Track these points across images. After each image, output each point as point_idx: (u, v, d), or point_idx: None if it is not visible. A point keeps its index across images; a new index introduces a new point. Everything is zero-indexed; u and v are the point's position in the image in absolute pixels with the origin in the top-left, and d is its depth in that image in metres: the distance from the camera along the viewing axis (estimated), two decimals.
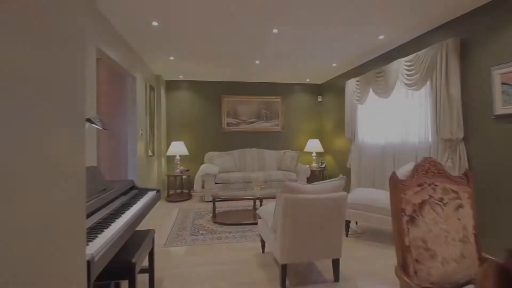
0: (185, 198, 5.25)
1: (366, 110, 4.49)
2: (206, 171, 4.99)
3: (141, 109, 4.22)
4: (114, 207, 1.83)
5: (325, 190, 2.12)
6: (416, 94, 3.41)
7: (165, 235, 3.40)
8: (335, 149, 5.76)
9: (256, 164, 5.76)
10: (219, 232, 3.44)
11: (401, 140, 3.62)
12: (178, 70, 5.08)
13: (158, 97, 5.31)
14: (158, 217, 4.17)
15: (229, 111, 6.03)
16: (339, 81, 5.49)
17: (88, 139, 2.48)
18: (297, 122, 6.33)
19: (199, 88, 5.96)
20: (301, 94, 6.34)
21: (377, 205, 3.03)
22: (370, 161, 4.33)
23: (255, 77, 5.76)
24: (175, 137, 5.89)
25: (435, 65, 3.00)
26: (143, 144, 4.28)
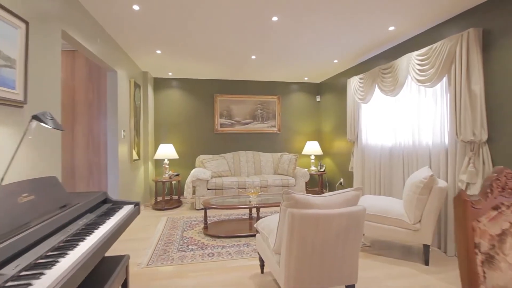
0: (175, 206, 4.83)
1: (370, 110, 4.16)
2: (197, 176, 4.58)
3: (124, 108, 3.80)
4: (74, 230, 1.43)
5: (339, 203, 1.76)
6: (430, 91, 3.08)
7: (149, 251, 2.98)
8: (335, 152, 5.42)
9: (251, 168, 5.38)
10: (211, 247, 3.04)
11: (412, 142, 3.29)
12: (167, 66, 4.67)
13: (145, 95, 4.89)
14: (143, 228, 3.75)
15: (223, 111, 5.63)
16: (339, 79, 5.16)
17: (41, 142, 2.06)
18: (295, 123, 5.98)
19: (190, 86, 5.55)
20: (299, 93, 5.99)
21: (388, 216, 2.68)
22: (376, 165, 3.99)
23: (250, 75, 5.39)
24: (164, 139, 5.47)
25: (453, 58, 2.68)
26: (126, 147, 3.86)
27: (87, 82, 3.57)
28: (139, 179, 4.62)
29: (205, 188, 4.66)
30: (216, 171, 4.99)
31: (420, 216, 2.55)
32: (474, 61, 2.53)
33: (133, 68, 4.29)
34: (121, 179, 3.63)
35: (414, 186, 2.56)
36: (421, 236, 2.54)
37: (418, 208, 2.53)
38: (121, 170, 3.62)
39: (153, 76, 5.32)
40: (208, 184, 4.68)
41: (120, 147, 3.61)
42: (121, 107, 3.66)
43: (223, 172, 5.09)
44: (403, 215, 2.62)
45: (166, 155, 4.89)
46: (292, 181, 4.95)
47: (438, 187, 2.48)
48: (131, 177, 4.12)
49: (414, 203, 2.54)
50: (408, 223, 2.57)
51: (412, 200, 2.56)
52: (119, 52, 3.65)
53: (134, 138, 4.17)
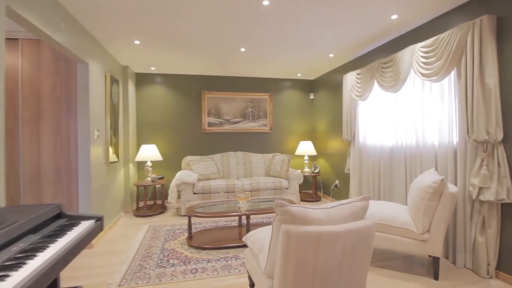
0: (158, 212, 4.45)
1: (368, 107, 3.88)
2: (182, 179, 4.22)
3: (98, 105, 3.41)
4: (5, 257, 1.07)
5: (344, 217, 1.45)
6: (436, 86, 2.82)
7: (124, 267, 2.61)
8: (330, 152, 5.14)
9: (241, 170, 5.04)
10: (194, 261, 2.70)
11: (415, 142, 3.02)
12: (148, 60, 4.29)
13: (125, 92, 4.49)
14: (120, 238, 3.37)
15: (211, 110, 5.28)
16: (334, 76, 4.89)
17: None
18: (288, 122, 5.68)
19: (176, 82, 5.18)
20: (292, 91, 5.69)
21: (393, 224, 2.40)
22: (375, 167, 3.72)
23: (240, 71, 5.05)
24: (147, 140, 5.08)
25: (464, 49, 2.41)
26: (101, 148, 3.47)
27: (54, 75, 3.17)
28: (118, 183, 4.23)
29: (191, 193, 4.30)
30: (204, 174, 4.64)
31: (429, 225, 2.27)
32: (487, 52, 2.27)
33: (110, 61, 3.89)
34: (95, 184, 3.25)
35: (422, 191, 2.28)
36: (430, 247, 2.26)
37: (427, 216, 2.25)
38: (94, 174, 3.23)
39: (134, 71, 4.92)
40: (195, 188, 4.32)
41: (93, 148, 3.23)
42: (94, 104, 3.27)
43: (211, 174, 4.74)
44: (410, 224, 2.34)
45: (149, 157, 4.51)
46: (285, 183, 4.64)
47: (449, 193, 2.20)
48: (108, 181, 3.73)
49: (423, 211, 2.26)
50: (416, 233, 2.29)
51: (420, 207, 2.28)
52: (91, 41, 3.26)
53: (111, 139, 3.78)
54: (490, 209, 2.30)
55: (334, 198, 4.98)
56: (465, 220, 2.48)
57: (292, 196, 4.65)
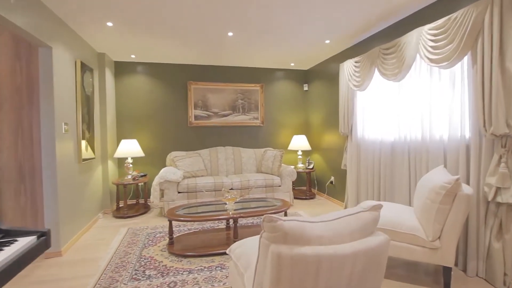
0: (141, 212, 4.10)
1: (367, 99, 3.58)
2: (165, 177, 3.87)
3: (67, 96, 3.02)
4: None
5: (350, 232, 1.14)
6: (446, 73, 2.52)
7: (93, 280, 2.28)
8: (325, 147, 4.85)
9: (231, 166, 4.71)
10: (174, 272, 2.37)
11: (421, 136, 2.73)
12: (127, 47, 3.88)
13: (102, 81, 4.08)
14: (95, 244, 3.02)
15: (198, 102, 4.91)
16: (330, 65, 4.56)
17: None
18: (280, 115, 5.35)
19: (159, 72, 4.78)
20: (284, 81, 5.35)
21: (399, 230, 2.11)
22: (374, 163, 3.43)
23: (229, 60, 4.68)
24: (129, 134, 4.69)
25: (481, 29, 2.11)
26: (70, 144, 3.08)
27: (13, 60, 2.76)
28: (95, 182, 3.86)
29: (175, 191, 3.96)
30: (189, 171, 4.29)
31: (440, 231, 1.99)
32: (509, 32, 1.97)
33: (81, 47, 3.48)
34: (62, 183, 2.87)
35: (433, 192, 2.00)
36: (441, 256, 1.99)
37: (438, 220, 1.97)
38: (61, 172, 2.86)
39: (113, 59, 4.50)
40: (179, 187, 3.98)
41: (60, 144, 2.84)
42: (60, 94, 2.87)
43: (198, 171, 4.39)
44: (418, 230, 2.06)
45: (129, 153, 4.14)
46: (277, 180, 4.34)
47: (464, 195, 1.92)
48: (81, 180, 3.36)
49: (433, 215, 1.98)
50: (425, 240, 2.01)
51: (431, 210, 2.00)
52: (55, 22, 2.84)
53: (84, 133, 3.39)
54: (508, 211, 2.03)
55: (329, 196, 4.71)
56: (478, 223, 2.21)
57: (285, 194, 4.35)
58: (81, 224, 3.33)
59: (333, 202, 4.56)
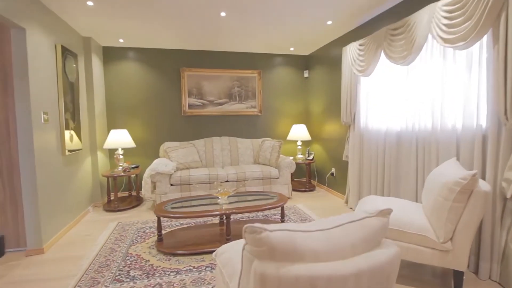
0: (133, 205, 3.93)
1: (372, 85, 3.32)
2: (156, 169, 3.67)
3: (46, 83, 2.78)
4: None
5: (352, 244, 0.93)
6: (462, 55, 2.26)
7: (73, 280, 2.11)
8: (326, 137, 4.62)
9: (227, 157, 4.51)
10: (160, 273, 2.20)
11: (431, 125, 2.50)
12: (114, 30, 3.60)
13: (88, 68, 3.83)
14: (81, 240, 2.85)
15: (192, 89, 4.66)
16: (332, 50, 4.27)
17: None
18: (279, 103, 5.09)
19: (150, 58, 4.51)
20: (284, 68, 5.06)
21: (406, 230, 1.91)
22: (378, 154, 3.21)
23: (224, 45, 4.40)
24: (121, 124, 4.47)
25: (504, 4, 1.84)
26: (52, 134, 2.87)
27: None
28: (84, 174, 3.67)
29: (167, 184, 3.77)
30: (183, 162, 4.09)
31: (452, 232, 1.78)
32: None
33: (62, 30, 3.21)
34: (43, 176, 2.68)
35: (445, 189, 1.78)
36: (453, 260, 1.79)
37: (451, 220, 1.76)
38: (41, 164, 2.66)
39: (101, 44, 4.23)
40: (172, 179, 3.78)
41: (40, 135, 2.63)
42: (38, 81, 2.64)
43: (192, 163, 4.19)
44: (428, 230, 1.86)
45: (119, 144, 3.93)
46: (275, 172, 4.13)
47: (481, 192, 1.70)
48: (67, 172, 3.17)
49: (445, 214, 1.77)
50: (435, 241, 1.81)
51: (442, 208, 1.78)
52: (30, 2, 2.58)
53: (68, 123, 3.18)
54: None
55: (330, 188, 4.51)
56: (493, 222, 2.01)
57: (283, 186, 4.16)
58: (68, 218, 3.16)
59: (334, 194, 4.37)
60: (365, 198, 2.45)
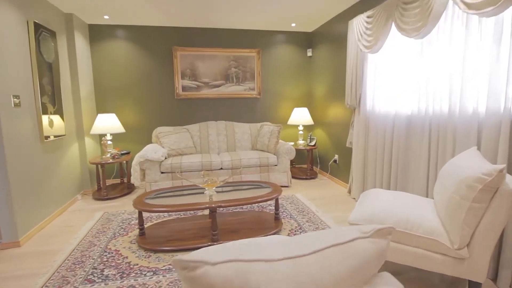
0: (124, 193, 3.75)
1: (380, 63, 2.94)
2: (145, 156, 3.45)
3: (14, 64, 2.52)
4: None
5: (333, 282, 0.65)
6: (489, 23, 1.87)
7: (42, 279, 1.93)
8: (329, 121, 4.28)
9: (223, 143, 4.24)
10: (136, 272, 2.00)
11: (447, 109, 2.15)
12: (98, 4, 3.27)
13: (71, 48, 3.54)
14: (62, 231, 2.68)
15: (185, 70, 4.34)
16: (338, 25, 3.84)
17: None
18: (280, 85, 4.74)
19: (139, 36, 4.18)
20: (285, 46, 4.66)
21: (414, 232, 1.63)
22: (385, 141, 2.89)
23: (220, 21, 4.02)
24: (111, 108, 4.22)
25: None
26: (26, 120, 2.64)
27: None
28: (70, 161, 3.47)
29: (157, 172, 3.55)
30: (175, 148, 3.85)
31: (469, 237, 1.49)
32: None
33: (36, 5, 2.90)
34: (18, 165, 2.48)
35: (463, 185, 1.47)
36: (469, 269, 1.51)
37: (469, 223, 1.47)
38: (15, 153, 2.45)
39: (86, 22, 3.91)
40: (162, 167, 3.56)
41: (10, 121, 2.40)
42: (4, 62, 2.37)
43: (185, 149, 3.95)
44: (440, 233, 1.57)
45: (107, 129, 3.69)
46: (273, 159, 3.86)
47: (509, 190, 1.39)
48: (47, 160, 2.96)
49: (462, 215, 1.47)
50: (448, 247, 1.53)
51: (459, 209, 1.49)
52: None
53: (46, 107, 2.94)
54: None
55: (332, 176, 4.23)
56: None
57: (282, 174, 3.89)
58: (51, 208, 2.99)
59: (336, 183, 4.08)
60: (368, 192, 2.16)
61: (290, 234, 2.53)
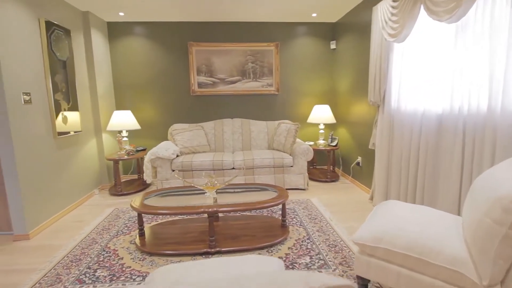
0: (139, 189, 3.78)
1: (407, 53, 2.56)
2: (156, 153, 3.42)
3: (25, 61, 2.59)
4: None
5: None
6: None
7: (38, 276, 1.94)
8: (353, 120, 3.92)
9: (238, 142, 4.09)
10: (127, 275, 1.93)
11: (486, 106, 1.76)
12: (112, 1, 3.28)
13: (88, 45, 3.61)
14: (69, 226, 2.73)
15: (201, 66, 4.24)
16: (364, 12, 3.47)
17: None
18: (300, 81, 4.45)
19: (155, 33, 4.16)
20: (306, 38, 4.36)
21: (431, 260, 1.32)
22: (412, 144, 2.51)
23: (235, 14, 3.85)
24: (129, 105, 4.28)
25: None
26: (38, 116, 2.71)
27: None
28: (88, 157, 3.57)
29: (168, 170, 3.51)
30: (188, 146, 3.78)
31: (504, 272, 1.16)
32: None
33: (51, 3, 2.97)
34: (28, 161, 2.56)
35: (498, 207, 1.15)
36: None
37: (503, 255, 1.14)
38: (24, 148, 2.53)
39: (104, 19, 3.98)
40: (173, 164, 3.51)
41: (19, 118, 2.47)
42: (13, 60, 2.44)
43: (198, 147, 3.87)
44: (464, 263, 1.25)
45: (122, 125, 3.73)
46: (289, 160, 3.62)
47: None
48: (61, 155, 3.05)
49: (495, 245, 1.15)
50: (474, 282, 1.21)
51: (491, 236, 1.16)
52: None
53: (60, 104, 3.01)
54: None
55: (355, 179, 3.87)
56: None
57: (298, 176, 3.64)
58: (66, 202, 3.08)
59: (359, 187, 3.73)
60: (384, 204, 1.86)
61: (296, 244, 2.30)
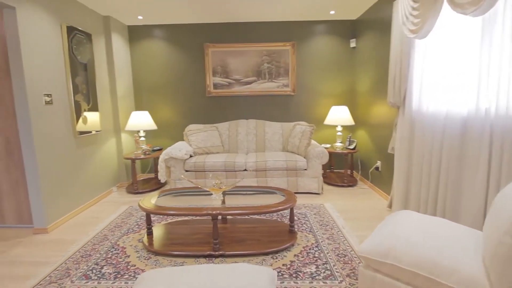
0: (155, 187, 3.87)
1: (429, 51, 2.37)
2: (170, 153, 3.47)
3: (47, 64, 2.72)
4: None
5: None
6: None
7: (49, 269, 2.02)
8: (373, 122, 3.72)
9: (252, 143, 4.05)
10: (131, 274, 1.95)
11: None
12: (131, 5, 3.38)
13: (109, 48, 3.75)
14: (86, 222, 2.83)
15: (216, 67, 4.26)
16: (385, 8, 3.28)
17: None
18: (317, 81, 4.32)
19: (172, 35, 4.23)
20: (324, 37, 4.22)
21: (444, 281, 1.18)
22: (433, 149, 2.32)
23: (250, 14, 3.81)
24: (148, 106, 4.40)
25: None
26: (59, 116, 2.85)
27: None
28: (107, 155, 3.71)
29: (181, 170, 3.55)
30: (202, 147, 3.80)
31: None
32: None
33: (72, 8, 3.12)
34: (49, 159, 2.69)
35: None
36: None
37: None
38: (45, 147, 2.66)
39: (125, 23, 4.11)
40: (186, 165, 3.54)
41: (41, 117, 2.61)
42: (36, 62, 2.58)
43: (212, 147, 3.87)
44: (481, 285, 1.10)
45: (140, 126, 3.84)
46: (303, 163, 3.50)
47: None
48: (81, 154, 3.18)
49: None
50: None
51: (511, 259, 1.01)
52: None
53: (80, 105, 3.14)
54: None
55: (374, 184, 3.67)
56: None
57: (312, 180, 3.51)
58: (84, 198, 3.22)
59: (377, 193, 3.53)
60: (397, 214, 1.72)
61: (302, 252, 2.21)
